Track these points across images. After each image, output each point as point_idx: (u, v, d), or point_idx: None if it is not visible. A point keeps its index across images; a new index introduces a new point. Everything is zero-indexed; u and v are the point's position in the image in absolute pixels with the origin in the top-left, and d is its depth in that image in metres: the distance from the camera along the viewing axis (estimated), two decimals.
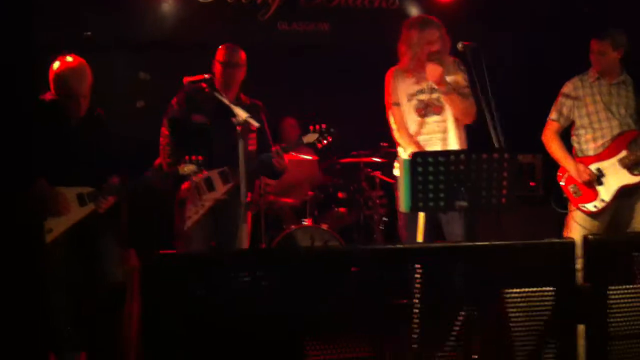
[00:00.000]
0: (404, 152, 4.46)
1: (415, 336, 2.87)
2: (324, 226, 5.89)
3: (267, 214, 5.93)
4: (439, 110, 4.46)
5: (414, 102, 4.47)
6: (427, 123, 4.46)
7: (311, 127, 4.59)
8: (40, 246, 3.64)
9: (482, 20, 6.24)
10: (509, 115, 4.46)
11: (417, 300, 2.89)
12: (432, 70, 4.27)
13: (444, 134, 4.45)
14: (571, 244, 2.95)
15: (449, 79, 4.38)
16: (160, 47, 4.56)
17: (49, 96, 4.11)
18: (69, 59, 4.10)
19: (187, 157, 4.26)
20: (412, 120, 4.47)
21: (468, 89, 4.45)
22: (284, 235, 5.81)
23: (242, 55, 4.65)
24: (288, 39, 6.38)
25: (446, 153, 3.72)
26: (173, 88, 4.69)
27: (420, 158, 3.55)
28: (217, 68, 4.59)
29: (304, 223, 5.94)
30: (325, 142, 4.61)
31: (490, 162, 3.55)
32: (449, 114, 4.45)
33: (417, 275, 2.87)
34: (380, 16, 6.50)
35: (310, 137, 4.58)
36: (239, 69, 4.61)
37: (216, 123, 4.52)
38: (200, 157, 4.29)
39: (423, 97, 4.46)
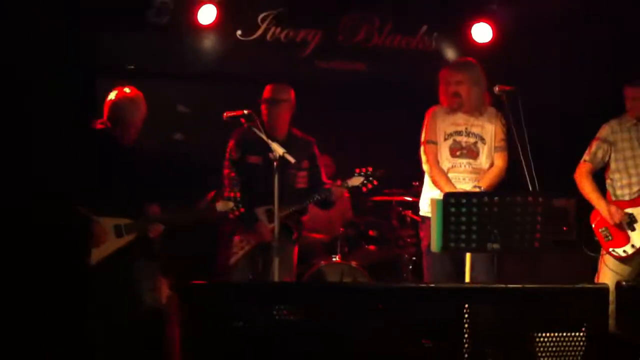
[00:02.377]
0: (432, 189, 4.48)
1: None
2: (354, 263, 5.89)
3: (298, 249, 5.95)
4: (474, 155, 4.50)
5: (450, 141, 4.51)
6: (458, 164, 4.50)
7: (357, 170, 4.56)
8: (84, 271, 3.67)
9: (519, 62, 6.25)
10: (543, 158, 4.48)
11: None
12: None
13: (476, 175, 4.48)
14: (605, 289, 2.94)
15: (488, 127, 4.46)
16: (200, 80, 4.64)
17: (99, 125, 4.19)
18: (127, 89, 4.22)
19: (225, 194, 4.29)
20: (444, 158, 4.51)
21: (504, 142, 4.50)
22: (313, 271, 5.82)
23: (288, 91, 4.67)
24: (325, 77, 6.46)
25: (480, 194, 3.73)
26: (211, 121, 4.75)
27: (454, 199, 3.57)
28: (262, 107, 4.62)
29: (333, 259, 5.95)
30: (370, 185, 4.58)
31: (524, 205, 3.57)
32: (483, 160, 4.50)
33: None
34: (416, 58, 6.55)
35: (355, 181, 4.54)
36: (282, 105, 4.61)
37: (265, 162, 4.52)
38: (238, 194, 4.30)
39: (459, 138, 4.51)
